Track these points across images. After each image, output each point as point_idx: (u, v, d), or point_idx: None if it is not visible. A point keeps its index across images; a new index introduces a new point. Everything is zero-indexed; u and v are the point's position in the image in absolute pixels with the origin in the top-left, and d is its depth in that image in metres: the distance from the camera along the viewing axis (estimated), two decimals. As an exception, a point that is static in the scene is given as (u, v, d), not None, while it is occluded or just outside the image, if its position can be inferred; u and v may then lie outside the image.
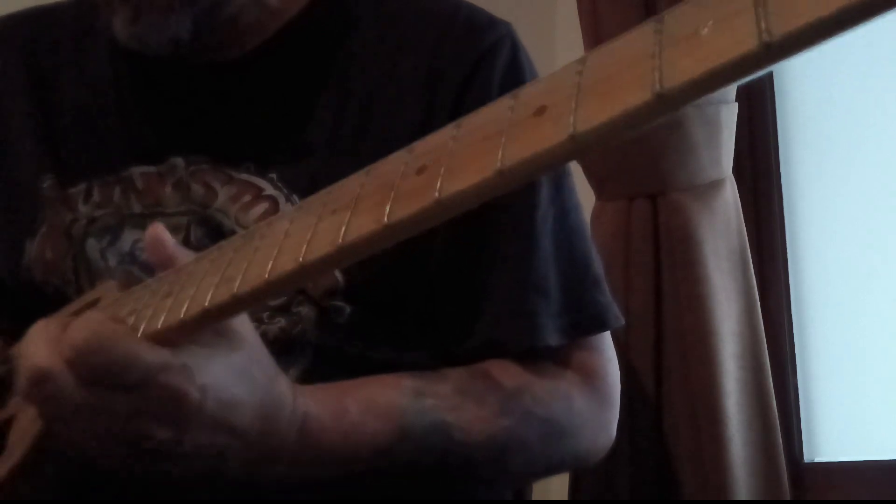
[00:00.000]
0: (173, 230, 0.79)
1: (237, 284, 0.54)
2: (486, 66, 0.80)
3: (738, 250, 1.28)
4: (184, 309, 0.57)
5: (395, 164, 0.48)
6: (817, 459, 1.35)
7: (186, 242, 0.78)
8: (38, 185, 0.84)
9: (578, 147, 0.38)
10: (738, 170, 1.34)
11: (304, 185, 0.78)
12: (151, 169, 0.82)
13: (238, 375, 0.61)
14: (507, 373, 0.77)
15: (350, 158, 0.79)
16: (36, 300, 0.80)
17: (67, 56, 0.88)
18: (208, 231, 0.79)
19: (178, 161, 0.81)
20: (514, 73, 0.82)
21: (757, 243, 1.38)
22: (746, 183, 1.40)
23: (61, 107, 0.86)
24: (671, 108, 0.36)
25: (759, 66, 0.34)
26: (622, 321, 0.84)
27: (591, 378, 0.81)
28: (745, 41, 0.33)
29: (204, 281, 0.57)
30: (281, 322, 0.76)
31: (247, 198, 0.79)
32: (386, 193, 0.47)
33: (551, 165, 0.40)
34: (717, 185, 1.29)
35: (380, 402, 0.71)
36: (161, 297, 0.60)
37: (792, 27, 0.32)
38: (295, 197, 0.78)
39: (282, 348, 0.75)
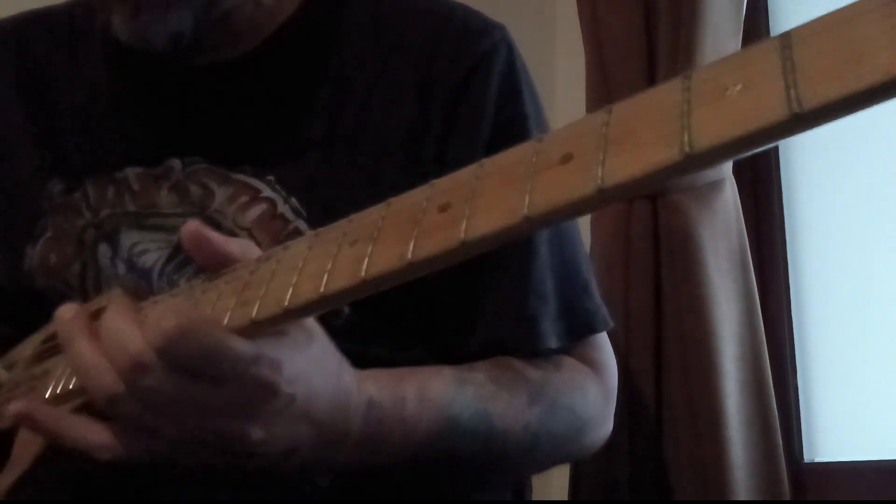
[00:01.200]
0: (169, 232, 0.79)
1: (255, 309, 0.54)
2: (482, 71, 0.80)
3: (738, 251, 1.28)
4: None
5: (417, 198, 0.49)
6: (817, 459, 1.35)
7: (183, 245, 0.78)
8: (44, 190, 0.84)
9: (605, 198, 0.39)
10: (738, 170, 1.34)
11: (303, 186, 0.78)
12: (147, 170, 0.82)
13: (315, 365, 0.60)
14: (528, 364, 0.78)
15: (347, 159, 0.79)
16: (37, 306, 0.80)
17: (63, 59, 0.88)
18: None
19: (175, 163, 0.81)
20: (511, 79, 0.82)
21: (757, 243, 1.38)
22: (746, 183, 1.40)
23: (59, 110, 0.86)
24: (698, 167, 0.37)
25: (788, 134, 0.35)
26: (611, 324, 0.85)
27: (598, 371, 0.83)
28: (774, 108, 0.34)
29: (219, 303, 0.57)
30: None
31: (244, 198, 0.79)
32: (409, 228, 0.47)
33: (576, 214, 0.41)
34: (716, 185, 1.29)
35: (431, 389, 0.71)
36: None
37: (822, 99, 0.33)
38: (293, 199, 0.78)
39: None
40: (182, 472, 0.72)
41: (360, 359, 0.77)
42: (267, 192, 0.79)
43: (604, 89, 1.42)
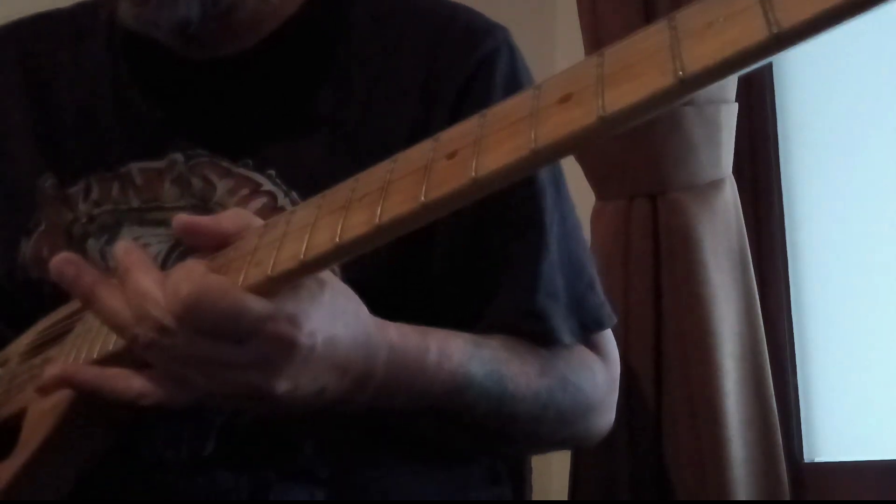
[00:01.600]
0: (171, 227, 0.79)
1: (270, 266, 0.55)
2: (485, 72, 0.82)
3: (738, 250, 1.28)
4: None
5: (423, 151, 0.51)
6: (817, 459, 1.35)
7: (180, 239, 0.79)
8: (37, 185, 0.85)
9: (607, 127, 0.42)
10: (738, 170, 1.34)
11: (304, 182, 0.78)
12: (150, 164, 0.82)
13: (332, 311, 0.61)
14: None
15: (349, 156, 0.79)
16: (32, 299, 0.80)
17: (66, 58, 0.89)
18: None
19: (178, 156, 0.82)
20: (515, 80, 0.83)
21: (757, 243, 1.38)
22: (746, 183, 1.40)
23: (60, 107, 0.87)
24: (691, 90, 0.40)
25: (770, 53, 0.38)
26: (615, 319, 0.87)
27: (604, 358, 0.85)
28: (755, 31, 0.37)
29: (233, 265, 0.58)
30: None
31: (245, 191, 0.79)
32: (419, 176, 0.49)
33: (580, 144, 0.44)
34: (716, 184, 1.29)
35: (451, 346, 0.73)
36: None
37: (797, 19, 0.36)
38: (294, 193, 0.78)
39: None
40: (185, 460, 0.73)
41: None
42: (268, 185, 0.79)
43: (604, 89, 1.42)
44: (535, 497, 1.06)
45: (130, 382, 0.60)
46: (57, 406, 0.65)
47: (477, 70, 0.81)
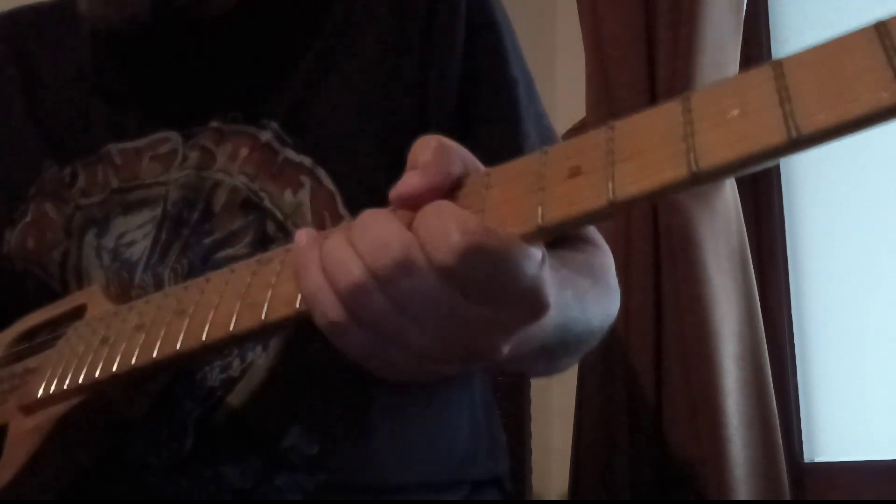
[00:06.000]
0: (153, 205, 0.79)
1: (264, 311, 0.53)
2: None
3: (738, 250, 1.29)
4: (204, 332, 0.57)
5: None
6: (817, 459, 1.35)
7: (164, 210, 0.78)
8: (38, 175, 0.84)
9: (615, 211, 0.42)
10: (738, 170, 1.34)
11: (306, 129, 0.78)
12: (130, 144, 0.82)
13: None
14: (567, 248, 0.79)
15: (326, 82, 0.80)
16: (16, 292, 0.79)
17: (51, 46, 0.90)
18: (186, 193, 0.78)
19: (173, 135, 0.81)
20: (481, 3, 0.84)
21: (757, 243, 1.39)
22: (746, 183, 1.40)
23: (49, 95, 0.87)
24: (703, 184, 0.40)
25: (783, 155, 0.38)
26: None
27: (601, 249, 0.85)
28: (773, 133, 0.38)
29: (223, 302, 0.56)
30: None
31: (244, 151, 0.79)
32: None
33: (587, 224, 0.45)
34: (716, 185, 1.30)
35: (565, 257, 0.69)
36: (172, 314, 0.60)
37: (816, 126, 0.37)
38: (288, 139, 0.78)
39: None
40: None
41: None
42: (266, 136, 0.79)
43: (604, 89, 1.43)
44: (535, 497, 1.06)
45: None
46: (40, 428, 0.65)
47: None
